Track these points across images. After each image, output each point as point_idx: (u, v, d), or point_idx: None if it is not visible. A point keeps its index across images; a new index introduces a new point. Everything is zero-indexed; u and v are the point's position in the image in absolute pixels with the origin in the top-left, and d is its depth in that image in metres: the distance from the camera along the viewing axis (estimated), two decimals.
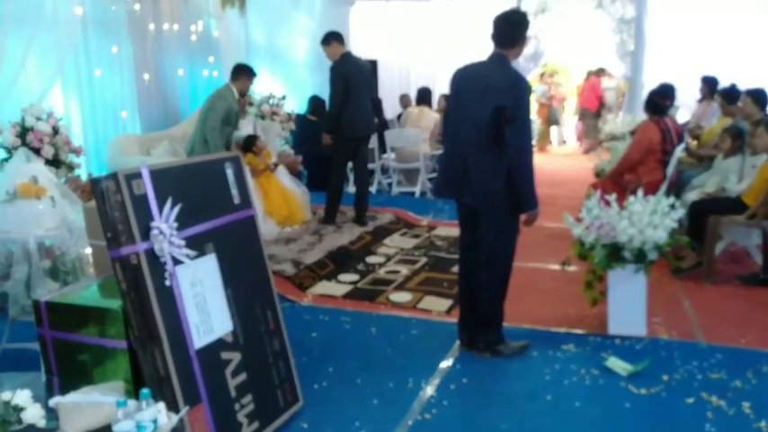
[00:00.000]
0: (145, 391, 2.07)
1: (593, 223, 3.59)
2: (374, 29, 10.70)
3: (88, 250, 3.27)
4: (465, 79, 3.39)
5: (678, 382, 3.15)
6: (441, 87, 9.47)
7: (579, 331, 3.77)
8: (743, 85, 6.06)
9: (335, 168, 6.07)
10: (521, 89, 3.22)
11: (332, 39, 5.90)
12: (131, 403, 2.11)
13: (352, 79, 5.72)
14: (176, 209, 2.44)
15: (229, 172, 2.78)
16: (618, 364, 3.28)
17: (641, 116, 7.67)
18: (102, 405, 2.20)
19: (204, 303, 2.52)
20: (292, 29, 8.76)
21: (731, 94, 6.11)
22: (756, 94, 5.48)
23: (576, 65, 12.40)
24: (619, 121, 7.65)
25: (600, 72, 11.64)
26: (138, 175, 2.38)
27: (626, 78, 9.70)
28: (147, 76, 5.94)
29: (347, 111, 5.75)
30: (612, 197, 3.67)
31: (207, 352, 2.49)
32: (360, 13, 10.79)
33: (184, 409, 2.30)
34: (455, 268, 4.80)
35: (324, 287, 4.60)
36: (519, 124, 3.19)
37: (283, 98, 7.89)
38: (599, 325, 3.80)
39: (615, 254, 3.55)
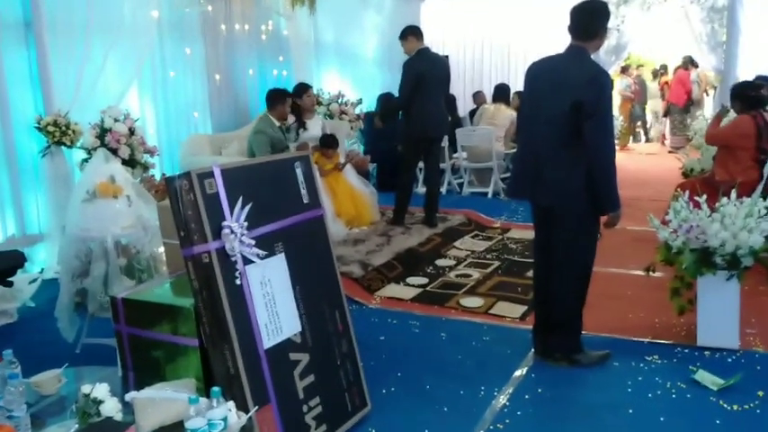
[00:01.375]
0: (216, 389, 2.04)
1: (681, 226, 3.36)
2: (445, 24, 10.54)
3: (162, 248, 3.31)
4: (541, 74, 3.23)
5: None
6: (515, 84, 9.23)
7: (665, 341, 3.54)
8: None
9: (405, 168, 5.99)
10: (601, 83, 3.03)
11: (408, 33, 5.81)
12: (203, 401, 2.09)
13: (425, 76, 5.59)
14: (247, 208, 2.42)
15: (299, 171, 2.74)
16: (707, 378, 3.05)
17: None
18: (176, 401, 2.19)
19: (273, 303, 2.48)
20: (361, 26, 8.75)
21: None
22: None
23: (662, 58, 11.82)
24: (708, 117, 7.19)
25: (688, 64, 11.03)
26: (210, 175, 2.37)
27: (717, 71, 9.12)
28: (218, 77, 6.04)
29: (417, 109, 5.64)
30: (703, 198, 3.42)
31: (276, 352, 2.45)
32: (431, 8, 10.67)
33: (254, 409, 2.27)
34: (529, 273, 4.64)
35: (392, 290, 4.52)
36: (600, 120, 3.01)
37: (360, 102, 7.87)
38: (687, 335, 3.56)
39: (705, 259, 3.31)
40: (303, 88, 6.07)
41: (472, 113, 8.97)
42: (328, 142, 5.93)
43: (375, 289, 4.51)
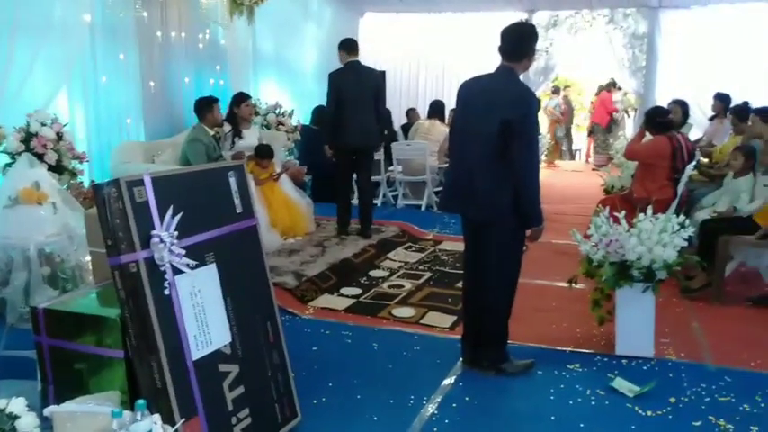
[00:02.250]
0: (141, 401, 2.02)
1: (601, 240, 3.53)
2: (383, 40, 10.69)
3: (88, 257, 3.23)
4: (471, 92, 3.35)
5: (686, 405, 3.08)
6: (450, 101, 9.43)
7: (586, 351, 3.70)
8: (756, 103, 6.00)
9: (337, 179, 6.06)
10: (528, 103, 3.18)
11: (340, 47, 5.97)
12: (127, 414, 2.06)
13: (344, 90, 5.69)
14: (177, 217, 2.40)
15: (232, 181, 2.74)
16: (624, 385, 3.21)
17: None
18: (97, 415, 2.15)
19: (203, 314, 2.47)
20: (301, 39, 8.77)
21: (743, 112, 6.06)
22: (765, 113, 5.43)
23: (587, 80, 12.32)
24: (629, 137, 7.58)
25: (611, 86, 11.59)
26: (140, 183, 2.34)
27: (637, 94, 9.62)
28: (152, 84, 5.92)
29: (342, 121, 5.74)
30: (622, 214, 3.61)
31: (204, 363, 2.44)
32: (370, 24, 10.79)
33: (180, 422, 2.25)
34: (460, 284, 4.74)
35: (326, 300, 4.54)
36: (526, 138, 3.14)
37: (291, 113, 7.88)
38: (606, 345, 3.73)
39: (623, 272, 3.49)
40: (241, 98, 6.05)
41: (405, 128, 9.11)
42: (264, 152, 5.91)
43: (309, 299, 4.52)
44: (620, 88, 11.33)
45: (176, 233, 2.38)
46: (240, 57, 7.15)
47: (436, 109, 8.17)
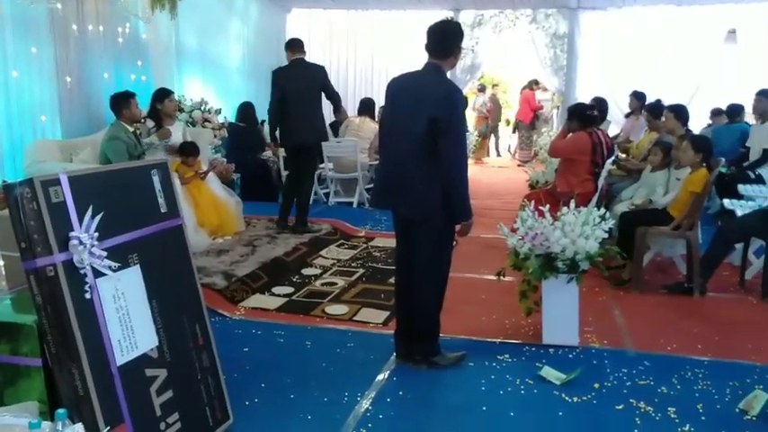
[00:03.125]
0: (60, 411, 1.92)
1: (527, 234, 3.63)
2: (312, 37, 10.62)
3: (1, 262, 3.04)
4: (399, 89, 3.37)
5: (608, 390, 3.21)
6: (380, 98, 9.47)
7: (515, 341, 3.79)
8: (668, 101, 6.31)
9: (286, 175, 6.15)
10: (455, 100, 3.22)
11: (285, 47, 6.08)
12: (46, 425, 1.96)
13: (291, 86, 5.73)
14: (98, 218, 2.30)
15: (156, 179, 2.65)
16: (551, 374, 3.31)
17: None
18: (14, 428, 2.03)
19: (127, 318, 2.38)
20: (226, 34, 8.61)
21: (656, 110, 6.37)
22: (677, 110, 5.73)
23: (513, 78, 12.66)
24: (553, 135, 7.84)
25: (534, 85, 11.96)
26: (56, 182, 2.23)
27: (559, 92, 9.98)
28: (69, 79, 5.66)
29: (285, 118, 5.80)
30: (546, 208, 3.72)
31: (130, 369, 2.34)
32: (297, 21, 10.69)
33: (104, 430, 2.16)
34: (392, 279, 4.77)
35: (257, 300, 4.47)
36: (453, 135, 3.18)
37: (219, 111, 7.72)
38: (534, 335, 3.84)
39: (548, 264, 3.60)
40: (164, 93, 5.86)
41: (333, 126, 9.07)
42: (188, 150, 5.75)
43: (239, 300, 4.43)
44: (543, 87, 11.71)
45: (96, 234, 2.28)
46: (162, 52, 6.95)
47: (366, 106, 8.19)
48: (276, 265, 5.10)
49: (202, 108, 7.33)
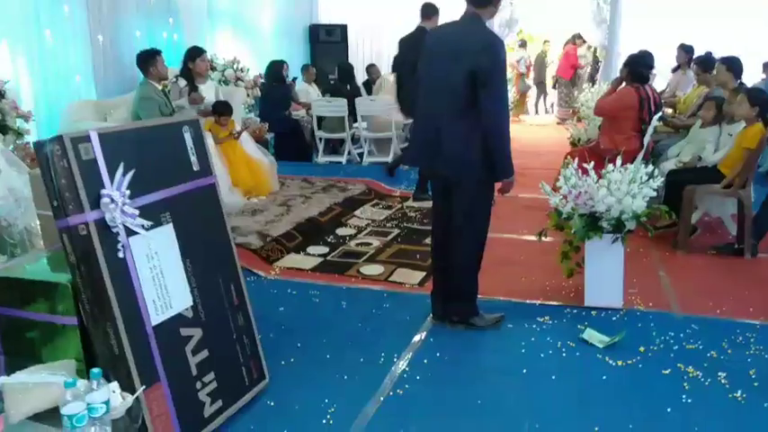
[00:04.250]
0: (95, 370, 1.91)
1: (570, 192, 3.48)
2: None
3: (36, 222, 3.05)
4: (437, 41, 3.22)
5: (654, 354, 3.09)
6: None
7: (555, 303, 3.68)
8: (718, 54, 5.99)
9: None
10: (496, 50, 3.06)
11: (421, 11, 5.75)
12: (81, 383, 1.95)
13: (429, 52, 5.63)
14: (129, 175, 2.25)
15: (188, 137, 2.59)
16: (594, 336, 3.21)
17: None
18: (51, 386, 2.03)
19: (161, 277, 2.34)
20: None
21: (707, 63, 6.05)
22: (730, 62, 5.42)
23: (551, 33, 12.20)
24: (594, 90, 7.55)
25: (576, 39, 11.50)
26: (86, 139, 2.18)
27: (601, 46, 9.57)
28: (101, 38, 5.60)
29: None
30: (590, 166, 3.56)
31: (165, 328, 2.32)
32: None
33: (140, 389, 2.15)
34: (428, 240, 4.69)
35: (292, 260, 4.43)
36: (494, 88, 3.03)
37: (247, 70, 7.61)
38: (575, 296, 3.72)
39: (593, 224, 3.46)
40: (196, 52, 5.79)
41: (365, 85, 8.91)
42: (222, 108, 5.70)
43: (274, 260, 4.41)
44: (584, 41, 11.26)
45: (128, 192, 2.23)
46: (194, 10, 6.83)
47: None
48: (311, 225, 5.05)
49: (235, 67, 7.23)
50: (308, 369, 2.97)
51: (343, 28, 10.28)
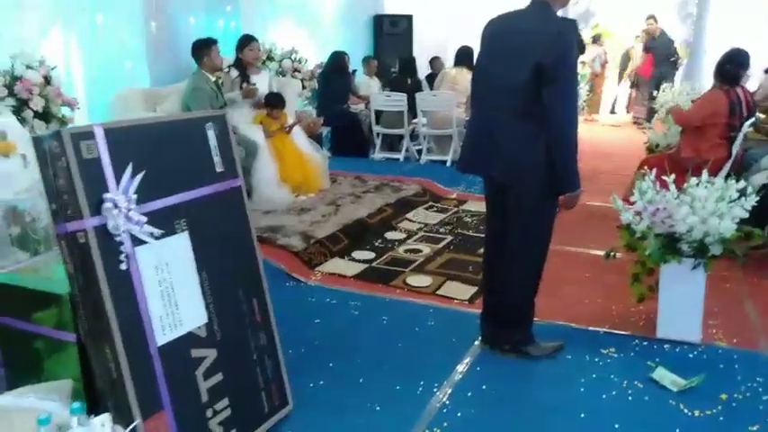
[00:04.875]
0: (75, 405, 1.67)
1: (646, 208, 3.05)
2: None
3: None
4: (498, 32, 2.84)
5: (739, 404, 2.64)
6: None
7: (622, 332, 3.26)
8: None
9: None
10: (566, 43, 2.65)
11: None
12: (58, 417, 1.72)
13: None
14: (138, 177, 2.00)
15: (211, 134, 2.32)
16: (667, 377, 2.78)
17: (704, 86, 6.98)
18: (34, 413, 1.81)
19: (171, 291, 2.09)
20: None
21: None
22: None
23: (630, 27, 11.37)
24: (674, 91, 6.94)
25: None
26: (89, 135, 1.94)
27: (686, 42, 8.82)
28: (154, 24, 5.47)
29: None
30: (671, 178, 3.11)
31: (173, 349, 2.07)
32: None
33: (137, 421, 1.90)
34: (483, 249, 4.34)
35: (335, 265, 4.16)
36: (562, 86, 2.64)
37: (305, 61, 7.37)
38: (646, 326, 3.29)
39: (671, 246, 3.02)
40: (245, 41, 5.57)
41: (429, 78, 8.54)
42: (273, 101, 5.47)
43: (316, 264, 4.14)
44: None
45: (135, 197, 1.98)
46: None
47: (463, 56, 7.55)
48: (358, 227, 4.76)
49: (293, 57, 7.00)
50: (338, 394, 2.68)
51: (409, 19, 9.94)
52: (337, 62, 7.49)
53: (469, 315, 3.38)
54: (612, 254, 3.29)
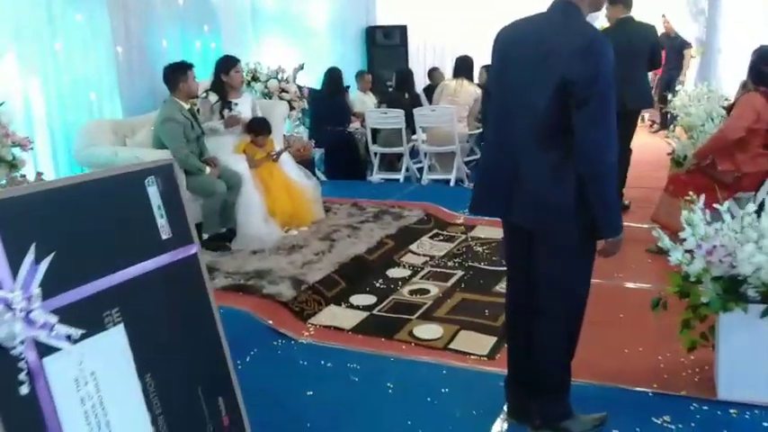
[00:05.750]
0: None
1: (700, 246, 2.52)
2: None
3: None
4: (514, 42, 2.31)
5: None
6: (481, 58, 8.34)
7: (675, 393, 2.71)
8: None
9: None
10: (599, 53, 2.12)
11: (609, 1, 4.91)
12: None
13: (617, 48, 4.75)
14: (46, 262, 1.49)
15: (153, 191, 1.81)
16: None
17: (721, 86, 6.48)
18: None
19: (100, 410, 1.57)
20: None
21: None
22: None
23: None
24: (690, 93, 6.43)
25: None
26: None
27: (698, 41, 8.32)
28: (120, 49, 4.97)
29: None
30: (724, 207, 2.59)
31: None
32: None
33: None
34: (499, 286, 3.85)
35: (330, 315, 3.62)
36: (596, 108, 2.10)
37: (301, 67, 6.86)
38: (702, 382, 2.75)
39: (732, 290, 2.49)
40: (231, 62, 5.06)
41: (427, 91, 8.04)
42: (258, 127, 4.96)
43: (309, 315, 3.61)
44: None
45: (39, 291, 1.46)
46: (234, 13, 6.14)
47: (463, 66, 7.06)
48: (356, 265, 4.23)
49: (279, 77, 6.50)
50: None
51: (403, 29, 9.45)
52: (333, 80, 7.00)
53: (491, 376, 2.85)
54: (662, 303, 2.73)
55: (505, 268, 2.62)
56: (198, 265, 1.91)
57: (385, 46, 9.24)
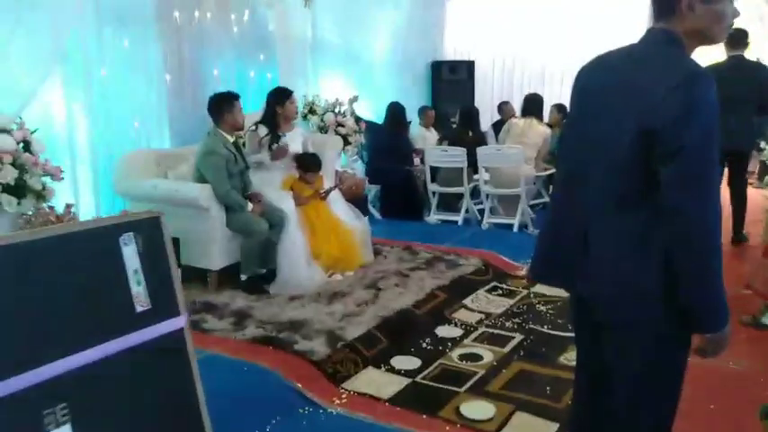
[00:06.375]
0: None
1: None
2: (474, 25, 9.24)
3: None
4: (594, 81, 1.84)
5: None
6: (551, 97, 7.87)
7: None
8: None
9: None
10: (696, 91, 1.61)
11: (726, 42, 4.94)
12: None
13: (724, 86, 4.52)
14: None
15: (130, 251, 1.46)
16: None
17: None
18: None
19: None
20: (372, 23, 7.44)
21: None
22: None
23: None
24: None
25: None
26: None
27: None
28: (168, 77, 4.79)
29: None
30: None
31: None
32: (458, 7, 9.33)
33: None
34: (564, 357, 3.36)
35: (367, 380, 3.20)
36: (690, 163, 1.60)
37: (355, 99, 6.59)
38: None
39: None
40: (286, 94, 4.81)
41: (496, 126, 7.62)
42: (308, 163, 4.66)
43: (343, 378, 3.20)
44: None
45: None
46: (292, 44, 5.92)
47: (532, 105, 6.59)
48: (402, 320, 3.80)
49: (336, 110, 6.22)
50: None
51: (470, 64, 9.11)
52: (395, 115, 6.69)
53: None
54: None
55: (572, 334, 2.14)
56: (184, 342, 1.54)
57: (451, 81, 8.91)
